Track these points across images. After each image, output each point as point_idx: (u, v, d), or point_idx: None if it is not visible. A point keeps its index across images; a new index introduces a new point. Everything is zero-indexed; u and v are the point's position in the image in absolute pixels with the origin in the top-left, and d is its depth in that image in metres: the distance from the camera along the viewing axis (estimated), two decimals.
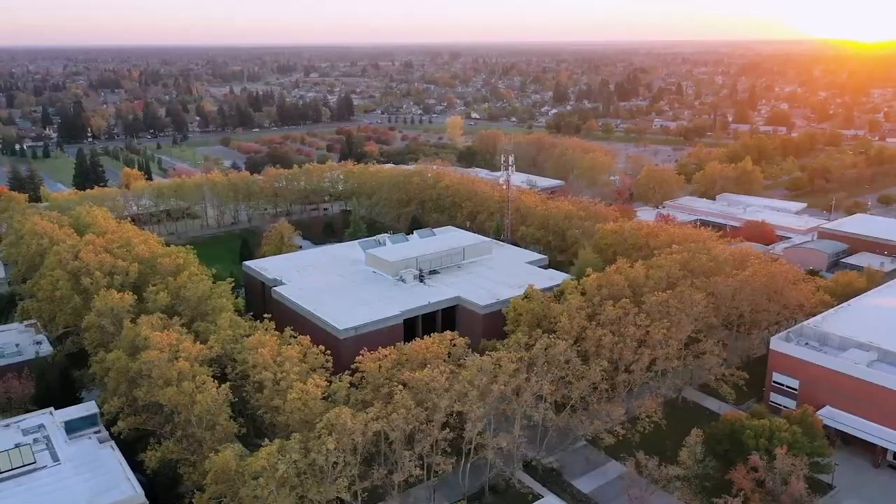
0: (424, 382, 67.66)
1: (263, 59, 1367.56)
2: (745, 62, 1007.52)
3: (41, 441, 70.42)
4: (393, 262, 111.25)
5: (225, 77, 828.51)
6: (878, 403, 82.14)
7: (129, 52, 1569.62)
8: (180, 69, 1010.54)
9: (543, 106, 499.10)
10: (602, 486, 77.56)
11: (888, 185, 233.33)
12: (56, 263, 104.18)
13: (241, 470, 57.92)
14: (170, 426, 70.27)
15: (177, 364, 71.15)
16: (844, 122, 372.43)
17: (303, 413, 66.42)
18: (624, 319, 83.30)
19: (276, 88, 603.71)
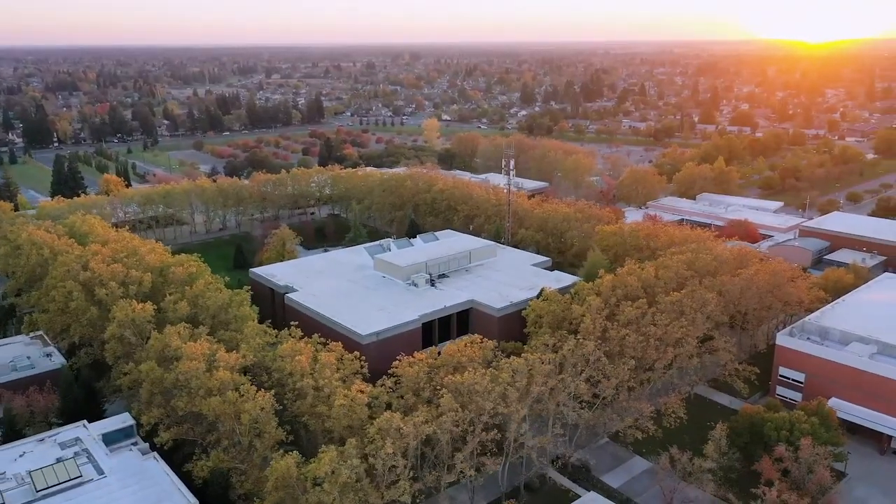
0: (467, 385, 69.56)
1: (221, 60, 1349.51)
2: (701, 62, 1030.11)
3: (81, 454, 70.07)
4: (404, 267, 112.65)
5: (185, 79, 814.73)
6: (882, 393, 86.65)
7: (79, 53, 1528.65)
8: (137, 70, 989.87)
9: (512, 107, 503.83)
10: (630, 482, 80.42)
11: (853, 183, 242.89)
12: (65, 274, 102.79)
13: (304, 476, 58.88)
14: (214, 435, 70.60)
15: (217, 374, 71.58)
16: (804, 122, 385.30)
17: (349, 419, 67.63)
18: (643, 319, 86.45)
19: (241, 91, 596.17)
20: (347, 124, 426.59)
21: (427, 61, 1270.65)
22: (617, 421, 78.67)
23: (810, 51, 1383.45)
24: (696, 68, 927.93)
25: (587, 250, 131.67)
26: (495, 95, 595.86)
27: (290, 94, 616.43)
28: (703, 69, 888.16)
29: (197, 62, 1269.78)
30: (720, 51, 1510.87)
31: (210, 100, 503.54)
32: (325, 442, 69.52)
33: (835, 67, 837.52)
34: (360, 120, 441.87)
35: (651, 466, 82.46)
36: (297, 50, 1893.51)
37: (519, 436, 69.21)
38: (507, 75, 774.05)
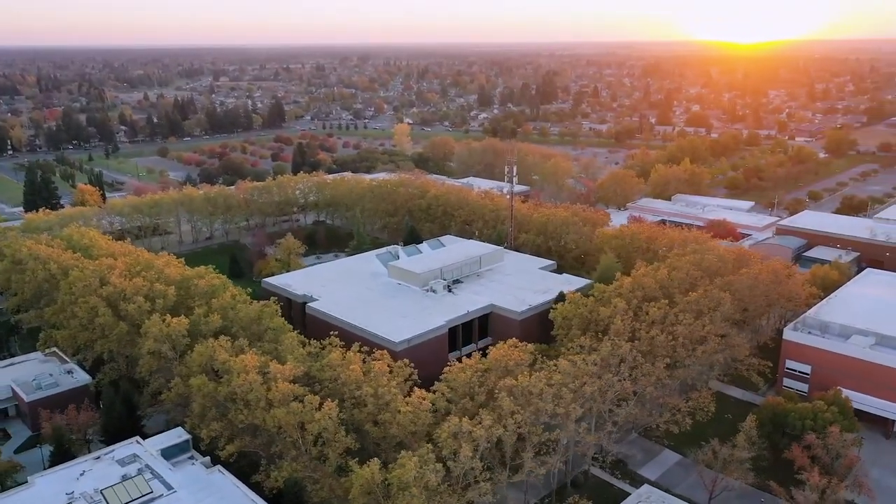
0: (522, 388, 72.67)
1: (164, 62, 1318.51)
2: (646, 64, 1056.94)
3: (145, 471, 70.42)
4: (421, 274, 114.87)
5: (131, 82, 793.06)
6: (883, 381, 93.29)
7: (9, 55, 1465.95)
8: (76, 73, 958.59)
9: (471, 110, 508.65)
10: (665, 474, 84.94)
11: (810, 182, 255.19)
12: (83, 290, 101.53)
13: (390, 482, 60.92)
14: (278, 447, 71.79)
15: (278, 385, 72.81)
16: (754, 122, 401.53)
17: (414, 425, 69.89)
18: (666, 319, 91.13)
19: (193, 94, 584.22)
20: (310, 128, 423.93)
21: (376, 63, 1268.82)
22: (656, 416, 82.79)
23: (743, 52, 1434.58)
24: (642, 70, 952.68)
25: (587, 253, 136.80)
26: (452, 98, 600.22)
27: (243, 97, 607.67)
28: (648, 71, 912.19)
29: (138, 64, 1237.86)
30: (660, 52, 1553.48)
31: (165, 104, 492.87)
32: (386, 449, 71.74)
33: (772, 69, 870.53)
34: (323, 124, 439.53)
35: (680, 459, 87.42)
36: (240, 51, 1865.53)
37: (576, 434, 72.52)
38: (460, 77, 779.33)
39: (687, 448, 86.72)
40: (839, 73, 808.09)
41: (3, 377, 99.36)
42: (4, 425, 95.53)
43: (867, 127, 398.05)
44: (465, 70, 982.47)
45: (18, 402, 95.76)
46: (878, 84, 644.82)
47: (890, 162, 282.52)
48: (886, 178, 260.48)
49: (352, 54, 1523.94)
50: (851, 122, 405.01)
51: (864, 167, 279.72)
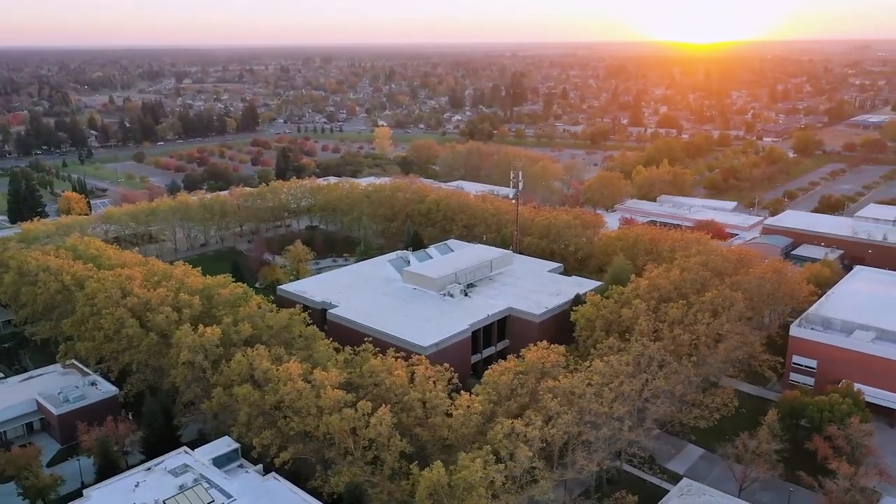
0: (564, 388, 75.49)
1: (122, 64, 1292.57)
2: (609, 65, 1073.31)
3: (201, 480, 71.28)
4: (438, 279, 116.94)
5: (91, 84, 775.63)
6: (885, 373, 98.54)
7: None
8: (32, 75, 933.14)
9: (443, 112, 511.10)
10: (692, 467, 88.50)
11: (782, 181, 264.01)
12: (105, 301, 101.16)
13: (456, 483, 63.03)
14: (332, 452, 73.27)
15: (328, 393, 74.34)
16: (722, 123, 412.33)
17: (466, 428, 72.13)
18: (685, 318, 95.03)
19: (159, 97, 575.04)
20: (285, 132, 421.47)
21: (340, 64, 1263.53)
22: (685, 413, 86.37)
23: (699, 52, 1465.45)
24: (606, 71, 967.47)
25: (590, 255, 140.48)
26: (423, 100, 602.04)
27: (211, 100, 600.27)
28: (612, 72, 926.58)
29: (95, 66, 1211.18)
30: (620, 52, 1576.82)
31: (132, 107, 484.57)
32: (431, 452, 73.81)
33: (731, 70, 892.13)
34: (298, 127, 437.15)
35: (704, 453, 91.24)
36: (199, 52, 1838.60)
37: (618, 432, 75.61)
38: (428, 79, 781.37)
39: (708, 442, 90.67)
40: (795, 74, 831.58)
41: (25, 391, 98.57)
42: (31, 439, 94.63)
43: (829, 127, 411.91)
44: (432, 72, 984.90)
45: (45, 415, 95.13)
46: (834, 85, 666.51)
47: (855, 161, 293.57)
48: (854, 178, 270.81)
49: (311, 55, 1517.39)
50: (814, 123, 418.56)
51: (831, 166, 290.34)
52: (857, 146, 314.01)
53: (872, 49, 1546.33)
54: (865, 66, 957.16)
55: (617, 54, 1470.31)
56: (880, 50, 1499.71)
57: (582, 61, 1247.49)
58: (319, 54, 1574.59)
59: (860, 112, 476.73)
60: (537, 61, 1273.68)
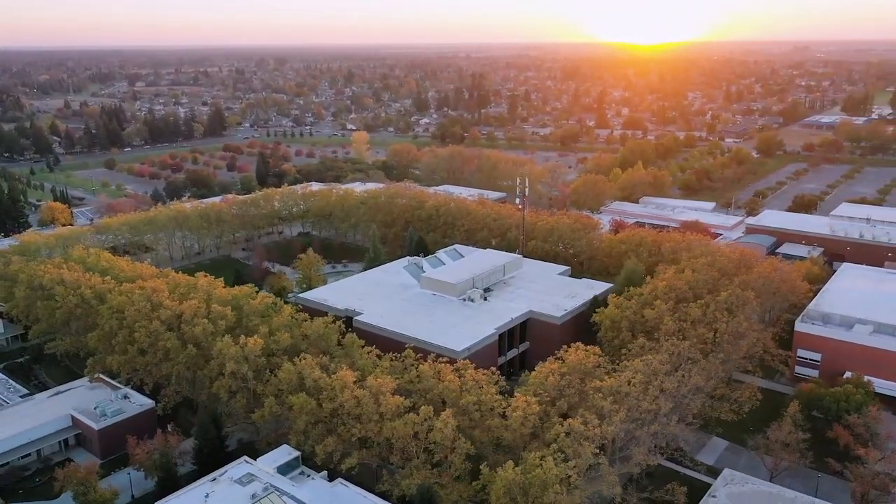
0: (612, 388, 79.48)
1: (68, 66, 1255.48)
2: (564, 66, 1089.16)
3: (270, 489, 72.70)
4: (457, 284, 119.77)
5: (41, 87, 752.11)
6: (885, 364, 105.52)
7: None
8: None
9: (410, 115, 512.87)
10: (720, 458, 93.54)
11: (750, 182, 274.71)
12: (135, 314, 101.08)
13: (530, 481, 66.18)
14: (397, 457, 75.64)
15: (389, 399, 76.75)
16: (685, 125, 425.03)
17: (525, 428, 75.41)
18: (706, 317, 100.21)
19: (118, 101, 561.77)
20: (253, 136, 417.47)
21: (295, 66, 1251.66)
22: (717, 407, 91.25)
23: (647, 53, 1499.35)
24: (562, 72, 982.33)
25: (593, 257, 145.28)
26: (387, 103, 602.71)
27: (170, 104, 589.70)
28: (568, 73, 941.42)
29: (40, 68, 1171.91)
30: (569, 53, 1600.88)
31: (90, 112, 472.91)
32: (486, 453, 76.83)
33: (683, 71, 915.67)
34: (268, 131, 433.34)
35: (729, 444, 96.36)
36: (148, 53, 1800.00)
37: (665, 427, 79.91)
38: (389, 81, 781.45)
39: (732, 435, 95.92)
40: (744, 75, 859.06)
41: (57, 407, 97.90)
42: (69, 455, 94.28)
43: (784, 128, 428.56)
44: (389, 73, 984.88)
45: (83, 430, 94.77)
46: (783, 86, 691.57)
47: (816, 161, 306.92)
48: (816, 177, 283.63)
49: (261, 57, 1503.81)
50: (770, 124, 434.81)
51: (793, 166, 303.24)
52: (815, 146, 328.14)
53: (812, 50, 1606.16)
54: (808, 67, 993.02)
55: (569, 55, 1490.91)
56: (819, 51, 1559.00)
57: (536, 62, 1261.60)
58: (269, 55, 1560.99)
59: (811, 112, 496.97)
60: (492, 62, 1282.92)
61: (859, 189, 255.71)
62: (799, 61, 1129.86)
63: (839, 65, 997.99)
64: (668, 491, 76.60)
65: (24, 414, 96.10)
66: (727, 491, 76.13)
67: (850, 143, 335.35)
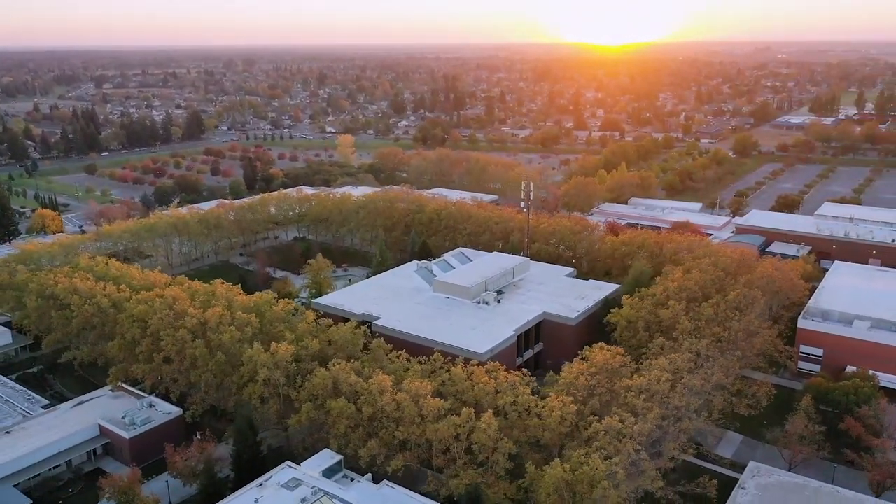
0: (640, 387, 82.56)
1: (28, 67, 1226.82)
2: (533, 67, 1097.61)
3: (319, 493, 74.21)
4: (471, 288, 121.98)
5: (6, 90, 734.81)
6: (886, 357, 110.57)
7: None
8: None
9: (388, 118, 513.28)
10: (737, 452, 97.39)
11: (730, 182, 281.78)
12: (159, 323, 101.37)
13: (578, 478, 68.75)
14: (441, 458, 77.65)
15: (430, 402, 78.78)
16: (660, 126, 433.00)
17: (563, 427, 78.05)
18: (718, 316, 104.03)
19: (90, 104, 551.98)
20: (232, 139, 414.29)
21: (264, 67, 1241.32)
22: (736, 403, 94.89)
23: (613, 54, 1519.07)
24: (533, 73, 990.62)
25: (596, 259, 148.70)
26: (363, 105, 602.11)
27: (143, 106, 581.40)
28: (539, 74, 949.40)
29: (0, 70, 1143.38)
30: (538, 54, 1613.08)
31: (61, 115, 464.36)
32: (528, 451, 79.32)
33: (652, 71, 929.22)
34: (247, 135, 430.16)
35: (744, 438, 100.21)
36: (111, 54, 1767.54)
37: (694, 422, 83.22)
38: (361, 83, 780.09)
39: (744, 428, 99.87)
40: (711, 76, 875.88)
41: (83, 417, 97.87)
42: (97, 464, 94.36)
43: (755, 128, 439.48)
44: (362, 75, 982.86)
45: (112, 439, 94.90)
46: (749, 86, 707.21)
47: (791, 161, 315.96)
48: (792, 177, 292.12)
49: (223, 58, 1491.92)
50: (741, 124, 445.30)
51: (769, 166, 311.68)
52: (789, 147, 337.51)
53: (773, 51, 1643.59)
54: (772, 67, 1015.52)
55: (537, 56, 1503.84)
56: (780, 52, 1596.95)
57: (506, 63, 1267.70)
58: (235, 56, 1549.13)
59: (780, 113, 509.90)
60: (462, 64, 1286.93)
61: (835, 188, 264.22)
62: (762, 62, 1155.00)
63: (801, 66, 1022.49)
64: (698, 484, 79.78)
65: (50, 425, 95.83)
66: (755, 482, 79.61)
67: (821, 144, 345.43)
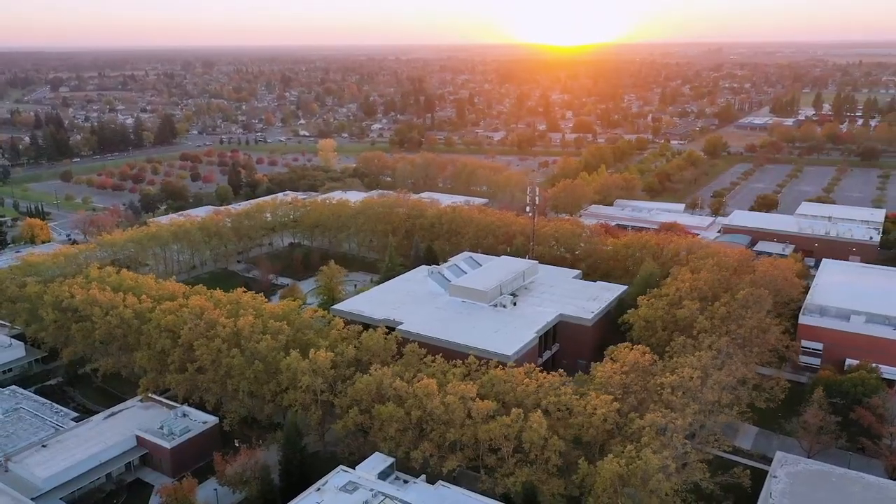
0: (671, 384, 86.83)
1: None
2: (496, 69, 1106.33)
3: (378, 495, 76.45)
4: (488, 291, 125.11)
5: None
6: (882, 350, 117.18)
7: None
8: None
9: (361, 120, 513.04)
10: (754, 443, 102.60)
11: (705, 182, 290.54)
12: (190, 333, 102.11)
13: (633, 472, 72.46)
14: (493, 458, 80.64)
15: (479, 404, 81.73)
16: (630, 127, 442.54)
17: (606, 424, 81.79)
18: (731, 315, 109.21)
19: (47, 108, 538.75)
20: (206, 143, 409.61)
21: (225, 70, 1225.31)
22: (755, 397, 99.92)
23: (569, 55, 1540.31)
24: (496, 75, 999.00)
25: (599, 261, 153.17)
26: (332, 107, 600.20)
27: (106, 111, 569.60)
28: (504, 76, 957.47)
29: None
30: (497, 55, 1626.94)
31: (24, 121, 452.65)
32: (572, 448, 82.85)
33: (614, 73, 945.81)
34: (221, 139, 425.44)
35: (759, 430, 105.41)
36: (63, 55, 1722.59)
37: (729, 417, 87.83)
38: (327, 85, 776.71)
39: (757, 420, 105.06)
40: (670, 77, 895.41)
41: (118, 428, 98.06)
42: (138, 475, 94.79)
43: (720, 129, 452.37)
44: (326, 77, 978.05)
45: (150, 449, 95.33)
46: (709, 87, 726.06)
47: (760, 161, 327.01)
48: (763, 177, 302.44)
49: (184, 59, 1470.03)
50: (707, 125, 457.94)
51: (740, 167, 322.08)
52: (757, 147, 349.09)
53: (724, 52, 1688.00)
54: (727, 69, 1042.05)
55: (496, 57, 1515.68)
56: (731, 53, 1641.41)
57: (468, 65, 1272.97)
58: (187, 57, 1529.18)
59: (741, 114, 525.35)
60: (424, 65, 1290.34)
61: (805, 188, 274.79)
62: (718, 63, 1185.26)
63: (755, 67, 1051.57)
64: (732, 474, 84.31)
65: (86, 437, 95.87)
66: (784, 471, 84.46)
67: (787, 145, 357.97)
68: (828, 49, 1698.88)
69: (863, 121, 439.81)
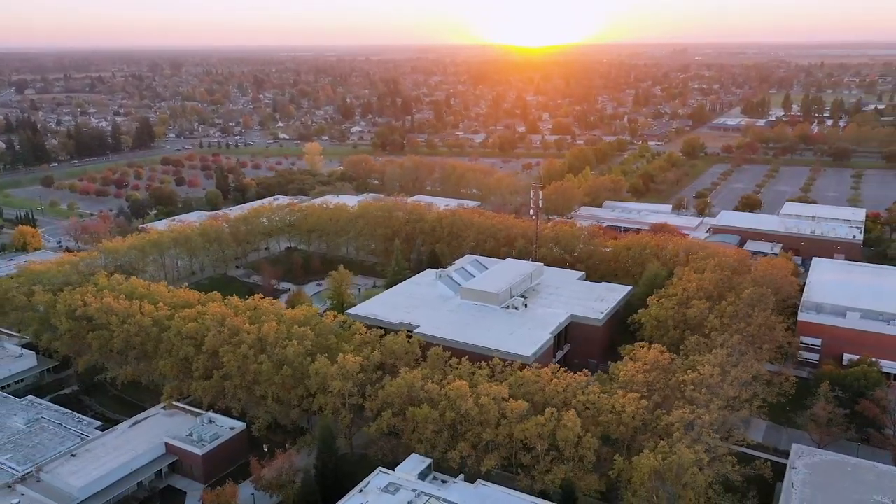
0: (694, 381, 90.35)
1: None
2: (467, 70, 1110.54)
3: (421, 495, 78.46)
4: (499, 294, 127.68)
5: None
6: (874, 345, 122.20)
7: None
8: None
9: (340, 123, 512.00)
10: (765, 436, 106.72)
11: (686, 183, 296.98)
12: (213, 340, 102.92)
13: (669, 467, 75.57)
14: (527, 456, 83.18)
15: (513, 404, 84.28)
16: (608, 129, 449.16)
17: (635, 421, 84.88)
18: (738, 313, 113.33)
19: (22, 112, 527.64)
20: (185, 147, 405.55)
21: (193, 71, 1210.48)
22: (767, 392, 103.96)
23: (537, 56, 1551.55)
24: (469, 76, 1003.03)
25: (600, 263, 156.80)
26: (308, 110, 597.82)
27: (77, 114, 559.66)
28: (477, 78, 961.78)
29: None
30: (466, 55, 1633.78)
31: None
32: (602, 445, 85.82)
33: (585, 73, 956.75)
34: (200, 142, 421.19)
35: (769, 424, 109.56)
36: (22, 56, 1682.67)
37: (748, 412, 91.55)
38: (301, 87, 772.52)
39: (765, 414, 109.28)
40: (640, 78, 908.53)
41: (147, 436, 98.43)
42: (169, 482, 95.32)
43: (694, 130, 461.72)
44: (299, 79, 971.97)
45: (181, 456, 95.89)
46: (680, 89, 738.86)
47: (737, 162, 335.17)
48: (741, 177, 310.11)
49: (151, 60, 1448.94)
50: (682, 126, 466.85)
51: (717, 167, 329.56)
52: (733, 148, 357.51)
53: (690, 53, 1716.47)
54: (694, 70, 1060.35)
55: (467, 58, 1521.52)
56: (697, 54, 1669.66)
57: (439, 67, 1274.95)
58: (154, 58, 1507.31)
59: (713, 115, 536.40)
60: (395, 66, 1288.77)
61: (783, 188, 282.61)
62: (684, 64, 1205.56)
63: (721, 68, 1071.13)
64: (754, 467, 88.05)
65: (114, 445, 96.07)
66: (802, 462, 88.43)
67: (762, 145, 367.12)
68: (789, 50, 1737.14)
69: (832, 121, 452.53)
